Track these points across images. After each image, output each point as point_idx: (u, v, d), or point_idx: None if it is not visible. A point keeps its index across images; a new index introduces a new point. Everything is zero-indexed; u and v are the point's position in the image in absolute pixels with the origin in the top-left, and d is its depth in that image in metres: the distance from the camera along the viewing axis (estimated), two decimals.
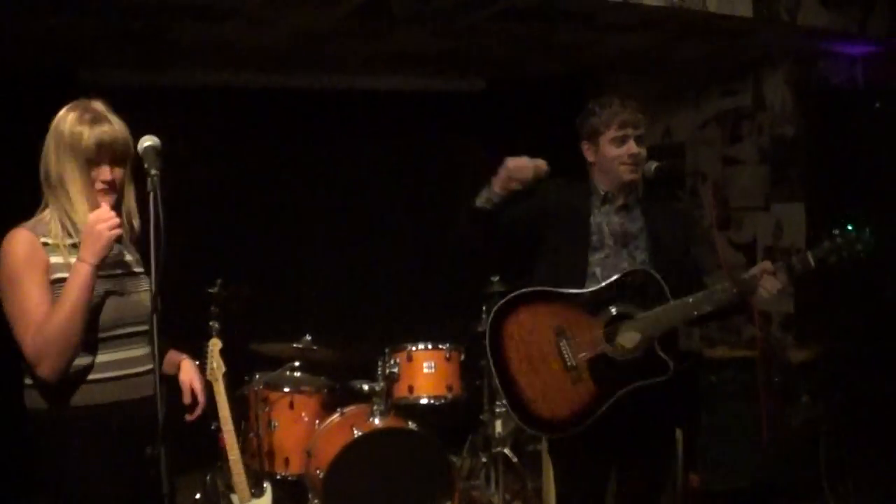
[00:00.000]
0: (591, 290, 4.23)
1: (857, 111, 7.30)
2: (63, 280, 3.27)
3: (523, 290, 4.31)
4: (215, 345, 5.79)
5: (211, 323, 6.03)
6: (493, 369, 4.25)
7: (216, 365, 5.74)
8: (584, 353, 4.19)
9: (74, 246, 3.34)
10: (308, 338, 6.60)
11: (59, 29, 6.41)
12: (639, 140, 4.32)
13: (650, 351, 4.19)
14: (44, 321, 3.21)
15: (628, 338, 4.18)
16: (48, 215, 3.39)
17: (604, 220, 4.39)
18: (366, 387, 6.56)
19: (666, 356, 4.16)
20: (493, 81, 8.63)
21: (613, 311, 4.20)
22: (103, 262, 3.25)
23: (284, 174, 8.00)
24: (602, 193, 4.41)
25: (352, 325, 7.78)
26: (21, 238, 3.30)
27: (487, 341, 4.28)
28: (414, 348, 6.72)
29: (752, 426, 6.78)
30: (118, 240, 3.34)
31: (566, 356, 4.19)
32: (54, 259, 3.33)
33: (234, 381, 6.06)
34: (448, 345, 6.79)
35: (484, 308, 7.17)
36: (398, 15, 6.41)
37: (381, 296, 8.21)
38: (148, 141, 3.32)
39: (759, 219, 7.84)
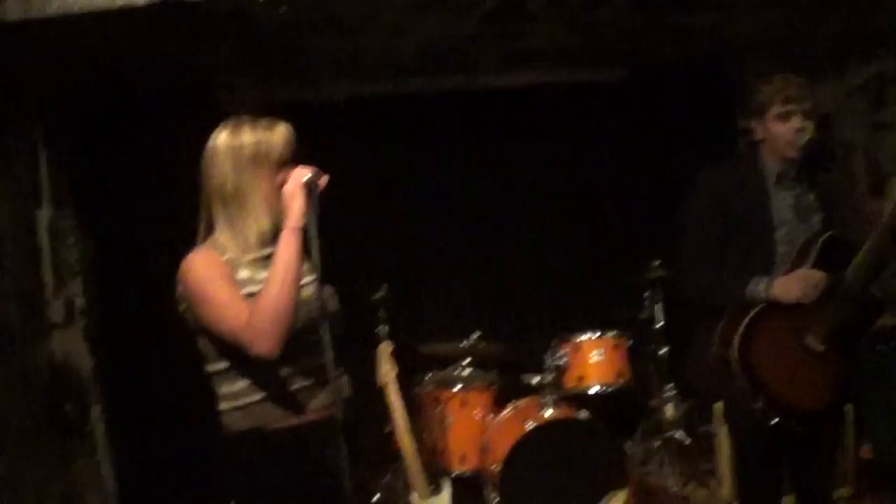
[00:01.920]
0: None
1: None
2: (253, 294, 3.33)
3: (751, 312, 4.38)
4: (385, 348, 5.93)
5: (379, 328, 6.20)
6: (749, 389, 4.33)
7: (388, 367, 5.88)
8: (823, 336, 4.33)
9: (257, 260, 3.45)
10: (476, 335, 6.74)
11: (196, 51, 6.58)
12: (805, 114, 4.40)
13: (862, 299, 4.37)
14: (255, 303, 3.26)
15: (843, 298, 4.34)
16: (222, 236, 3.47)
17: (781, 199, 4.51)
18: (535, 379, 6.67)
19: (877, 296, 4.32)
20: (635, 70, 8.58)
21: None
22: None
23: (434, 177, 8.03)
24: (775, 172, 4.52)
25: (518, 319, 7.88)
26: (202, 256, 3.41)
27: (740, 365, 4.34)
28: (581, 338, 6.79)
29: None
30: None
31: (814, 347, 4.33)
32: (240, 274, 3.41)
33: (407, 383, 6.16)
34: (615, 332, 6.84)
35: (646, 294, 7.31)
36: (533, 12, 6.50)
37: (543, 288, 8.23)
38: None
39: None
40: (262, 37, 6.39)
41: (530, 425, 6.13)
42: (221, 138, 3.46)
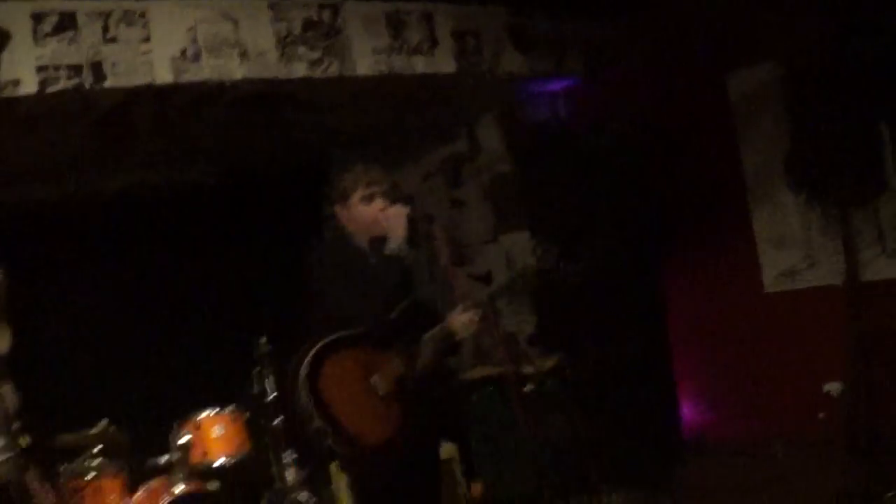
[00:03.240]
0: (375, 329, 4.89)
1: (561, 141, 8.08)
2: None
3: (324, 341, 4.80)
4: (22, 441, 6.13)
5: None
6: (315, 413, 4.65)
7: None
8: (390, 380, 4.84)
9: None
10: (104, 422, 6.93)
11: None
12: (385, 195, 5.01)
13: (439, 364, 4.99)
14: None
15: (421, 358, 4.89)
16: None
17: (382, 271, 5.07)
18: (164, 459, 7.01)
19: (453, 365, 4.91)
20: (229, 169, 9.19)
21: (403, 340, 4.90)
22: None
23: (49, 280, 8.20)
24: (362, 248, 5.10)
25: (141, 405, 8.06)
26: None
27: (306, 391, 4.68)
28: (201, 416, 7.15)
29: (519, 435, 7.38)
30: None
31: (377, 387, 4.81)
32: None
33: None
34: (231, 407, 7.26)
35: (255, 370, 7.70)
36: (139, 125, 6.92)
37: (163, 373, 8.54)
38: None
39: (491, 251, 8.56)
40: None
41: (164, 502, 6.49)
42: None
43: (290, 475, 7.57)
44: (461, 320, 4.84)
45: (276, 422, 7.62)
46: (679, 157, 7.81)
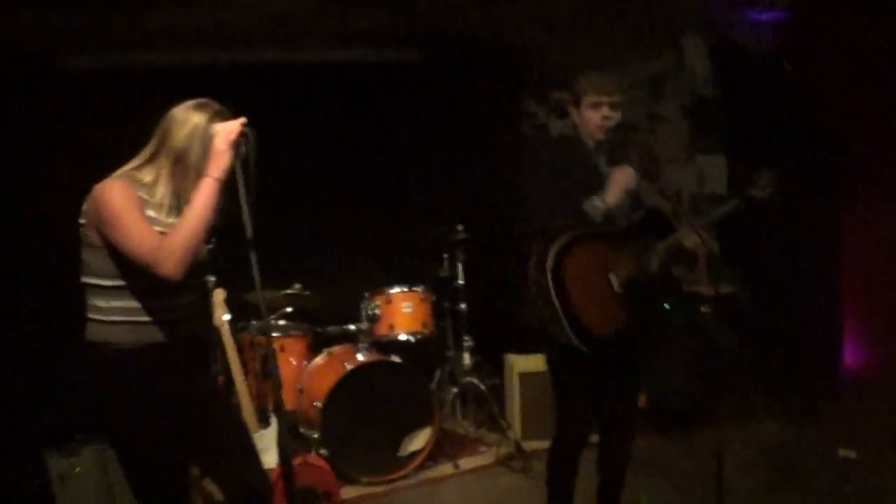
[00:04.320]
0: (618, 228, 5.06)
1: (768, 71, 8.07)
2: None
3: (573, 232, 4.92)
4: (219, 294, 6.47)
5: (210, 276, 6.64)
6: (555, 299, 4.80)
7: (221, 312, 6.43)
8: (625, 280, 4.99)
9: (161, 206, 3.86)
10: (297, 285, 7.25)
11: (40, 19, 6.87)
12: (612, 106, 5.07)
13: (666, 272, 5.11)
14: (158, 238, 3.65)
15: (655, 263, 5.02)
16: (147, 176, 3.87)
17: (597, 167, 5.20)
18: (352, 327, 7.34)
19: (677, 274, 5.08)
20: (434, 52, 9.30)
21: (639, 242, 5.04)
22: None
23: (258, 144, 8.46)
24: (590, 148, 5.20)
25: (332, 274, 8.23)
26: (120, 185, 3.77)
27: (550, 275, 4.83)
28: (393, 291, 7.44)
29: (688, 353, 7.65)
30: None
31: (613, 283, 4.98)
32: (148, 212, 3.75)
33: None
34: (422, 287, 7.52)
35: (445, 255, 8.01)
36: None
37: (356, 247, 8.71)
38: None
39: (683, 169, 8.62)
40: (110, 6, 6.78)
41: (349, 367, 6.76)
42: (196, 115, 3.89)
43: (465, 360, 7.86)
44: (694, 238, 4.96)
45: (461, 306, 7.89)
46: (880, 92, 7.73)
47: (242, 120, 3.82)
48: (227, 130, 3.78)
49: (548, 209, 5.02)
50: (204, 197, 3.73)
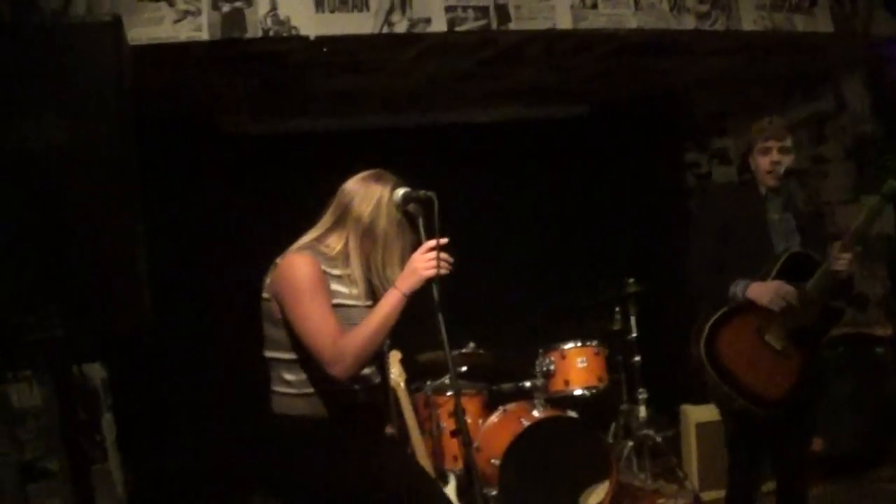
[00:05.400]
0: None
1: None
2: (341, 306, 3.87)
3: (718, 313, 5.12)
4: (395, 355, 6.59)
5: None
6: (718, 380, 5.01)
7: (397, 372, 6.54)
8: (783, 333, 5.07)
9: (344, 277, 3.96)
10: (472, 344, 7.36)
11: (204, 81, 7.06)
12: (782, 151, 5.15)
13: (825, 306, 5.10)
14: (346, 332, 3.73)
15: (804, 305, 5.05)
16: (335, 250, 3.96)
17: (770, 216, 5.25)
18: (527, 383, 7.37)
19: (837, 305, 5.06)
20: (597, 107, 9.45)
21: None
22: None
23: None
24: (764, 194, 5.26)
25: (505, 332, 8.36)
26: (307, 261, 3.83)
27: (706, 360, 5.03)
28: (567, 346, 7.45)
29: (863, 398, 7.52)
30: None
31: (773, 344, 5.06)
32: (332, 285, 3.87)
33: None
34: (596, 342, 7.52)
35: (618, 308, 8.02)
36: (529, 56, 7.20)
37: (528, 304, 8.82)
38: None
39: (850, 211, 8.45)
40: (281, 73, 6.97)
41: (525, 423, 6.77)
42: (377, 186, 4.00)
43: (641, 412, 7.83)
44: (843, 257, 4.96)
45: (635, 359, 7.89)
46: None
47: (443, 241, 3.84)
48: (426, 257, 3.80)
49: (700, 275, 5.29)
50: (388, 308, 3.77)
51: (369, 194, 3.98)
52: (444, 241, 3.82)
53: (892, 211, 8.12)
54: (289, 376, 3.93)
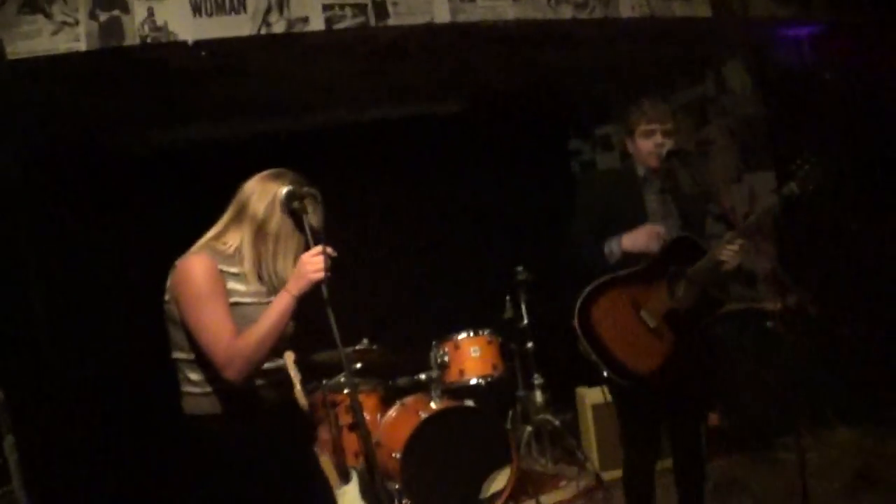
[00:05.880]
0: (643, 266, 5.14)
1: (808, 85, 8.15)
2: (239, 304, 3.89)
3: (596, 282, 5.14)
4: (289, 356, 6.57)
5: None
6: (588, 347, 5.01)
7: (293, 374, 6.53)
8: (659, 313, 5.11)
9: (240, 274, 3.97)
10: (365, 340, 7.30)
11: (78, 94, 6.89)
12: (665, 133, 5.22)
13: (704, 295, 5.14)
14: (238, 336, 3.75)
15: (685, 289, 5.12)
16: (230, 247, 3.99)
17: (650, 199, 5.32)
18: (423, 376, 7.41)
19: (718, 295, 5.13)
20: (474, 102, 9.48)
21: (668, 272, 5.14)
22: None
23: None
24: (642, 175, 5.34)
25: (397, 326, 8.38)
26: (203, 263, 3.84)
27: (578, 326, 5.04)
28: (460, 336, 7.54)
29: (757, 371, 7.72)
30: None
31: (647, 320, 5.10)
32: (229, 284, 3.88)
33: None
34: (488, 330, 7.61)
35: (508, 297, 8.10)
36: (412, 53, 7.23)
37: (418, 297, 8.93)
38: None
39: (734, 190, 8.65)
40: (167, 82, 6.90)
41: (424, 415, 6.84)
42: (274, 184, 4.03)
43: (538, 397, 7.91)
44: (730, 250, 5.00)
45: (528, 345, 7.97)
46: None
47: (328, 251, 3.88)
48: (314, 260, 3.83)
49: (580, 247, 5.30)
50: (279, 311, 3.82)
51: (265, 192, 4.01)
52: (329, 250, 3.87)
53: (775, 185, 8.31)
54: (193, 376, 3.94)
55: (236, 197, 4.08)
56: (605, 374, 5.06)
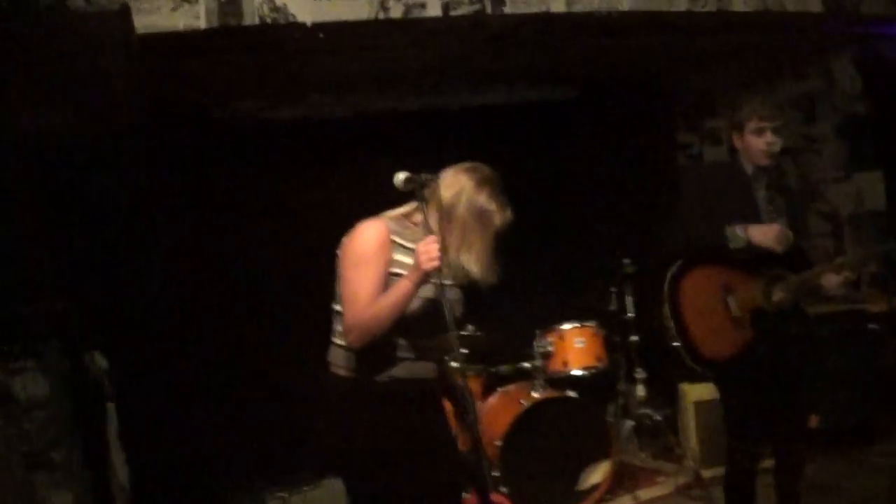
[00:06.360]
0: (750, 256, 5.08)
1: None
2: (396, 275, 3.95)
3: (701, 253, 5.14)
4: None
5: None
6: (668, 311, 5.07)
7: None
8: (746, 306, 5.08)
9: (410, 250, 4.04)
10: (470, 326, 7.36)
11: (194, 69, 6.96)
12: (776, 131, 5.14)
13: (796, 307, 5.13)
14: (368, 306, 3.85)
15: (780, 296, 5.08)
16: (411, 221, 4.16)
17: (758, 197, 5.27)
18: (526, 365, 7.42)
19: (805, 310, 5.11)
20: (586, 89, 9.45)
21: (770, 272, 5.09)
22: (424, 281, 3.88)
23: None
24: (751, 173, 5.27)
25: (502, 314, 8.11)
26: (376, 231, 4.02)
27: (667, 287, 5.10)
28: (565, 327, 7.51)
29: (858, 374, 7.59)
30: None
31: (732, 307, 5.08)
32: (395, 255, 4.01)
33: None
34: (594, 322, 7.58)
35: (614, 289, 8.07)
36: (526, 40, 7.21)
37: (525, 286, 8.72)
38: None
39: (841, 189, 8.53)
40: (277, 60, 6.94)
41: (526, 404, 6.85)
42: (464, 177, 4.15)
43: (640, 391, 7.92)
44: (836, 280, 5.01)
45: (632, 338, 7.96)
46: None
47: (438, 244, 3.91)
48: (428, 249, 3.84)
49: (687, 234, 5.22)
50: (398, 293, 3.88)
51: (454, 182, 4.13)
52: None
53: (882, 186, 8.20)
54: (339, 327, 4.09)
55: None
56: (673, 344, 5.10)
